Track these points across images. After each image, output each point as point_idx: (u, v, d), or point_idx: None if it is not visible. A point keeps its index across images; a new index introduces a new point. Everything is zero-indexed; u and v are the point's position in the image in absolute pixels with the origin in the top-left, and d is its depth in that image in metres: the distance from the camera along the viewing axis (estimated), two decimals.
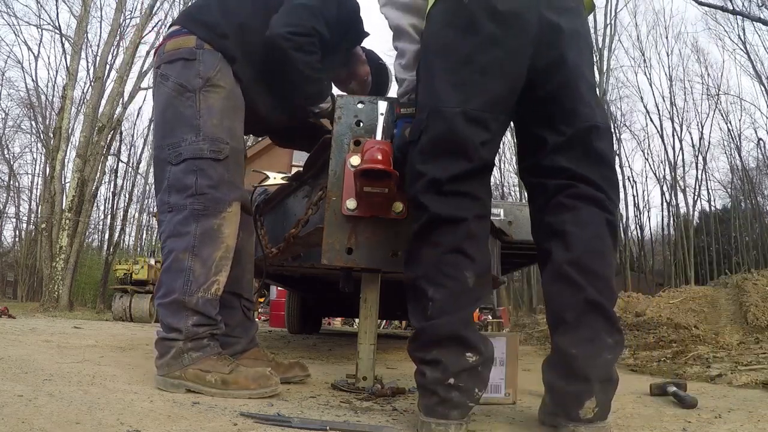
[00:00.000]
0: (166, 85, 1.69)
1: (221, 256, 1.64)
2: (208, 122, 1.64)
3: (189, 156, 1.62)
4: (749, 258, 20.59)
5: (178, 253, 1.59)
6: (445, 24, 1.30)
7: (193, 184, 1.61)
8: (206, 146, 1.62)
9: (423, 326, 1.21)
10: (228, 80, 1.70)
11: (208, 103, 1.65)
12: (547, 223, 1.29)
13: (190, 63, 1.67)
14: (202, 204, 1.61)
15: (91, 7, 14.40)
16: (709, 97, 22.56)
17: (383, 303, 1.87)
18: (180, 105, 1.66)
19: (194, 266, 1.58)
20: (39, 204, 20.94)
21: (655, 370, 2.73)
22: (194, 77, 1.66)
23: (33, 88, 21.37)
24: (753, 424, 1.39)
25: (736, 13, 14.71)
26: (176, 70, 1.68)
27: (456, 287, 1.20)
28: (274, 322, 8.70)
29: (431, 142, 1.26)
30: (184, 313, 1.57)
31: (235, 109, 1.73)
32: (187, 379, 1.52)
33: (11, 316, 6.36)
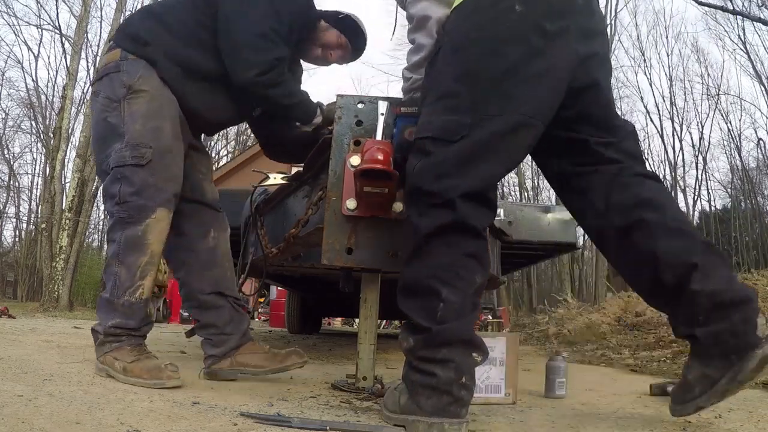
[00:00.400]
0: (97, 101, 1.77)
1: (146, 261, 1.69)
2: (131, 128, 1.69)
3: (114, 164, 1.68)
4: (749, 258, 20.58)
5: (110, 258, 1.71)
6: (491, 31, 1.29)
7: (117, 192, 1.67)
8: (128, 153, 1.67)
9: (436, 328, 1.19)
10: (151, 83, 1.73)
11: (131, 109, 1.70)
12: (622, 200, 1.36)
13: (115, 75, 1.73)
14: (126, 212, 1.67)
15: (91, 7, 14.40)
16: (709, 97, 22.54)
17: (383, 303, 1.86)
18: (109, 116, 1.72)
19: (120, 272, 1.67)
20: (39, 204, 20.95)
21: (655, 370, 2.73)
22: (119, 87, 1.72)
23: (33, 88, 21.35)
24: (753, 424, 1.39)
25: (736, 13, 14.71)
26: (104, 85, 1.75)
27: (468, 290, 1.22)
28: (274, 322, 8.71)
29: (473, 148, 1.25)
30: (111, 312, 1.68)
31: (161, 109, 1.74)
32: (104, 364, 1.67)
33: (11, 316, 6.36)
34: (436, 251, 1.23)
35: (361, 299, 1.80)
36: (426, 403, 1.17)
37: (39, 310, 10.69)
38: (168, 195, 1.71)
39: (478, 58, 1.29)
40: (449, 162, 1.26)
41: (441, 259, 1.22)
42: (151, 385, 1.56)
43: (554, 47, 1.28)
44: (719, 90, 22.19)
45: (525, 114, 1.27)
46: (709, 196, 24.70)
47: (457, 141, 1.25)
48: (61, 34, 17.05)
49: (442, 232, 1.23)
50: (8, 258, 25.79)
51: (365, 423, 1.26)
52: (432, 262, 1.23)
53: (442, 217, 1.23)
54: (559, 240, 2.90)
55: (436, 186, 1.24)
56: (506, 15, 1.28)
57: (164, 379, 1.59)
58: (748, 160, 22.89)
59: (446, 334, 1.19)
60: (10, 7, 17.43)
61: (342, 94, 1.80)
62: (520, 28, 1.28)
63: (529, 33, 1.27)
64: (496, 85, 1.27)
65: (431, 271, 1.22)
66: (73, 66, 13.67)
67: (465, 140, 1.25)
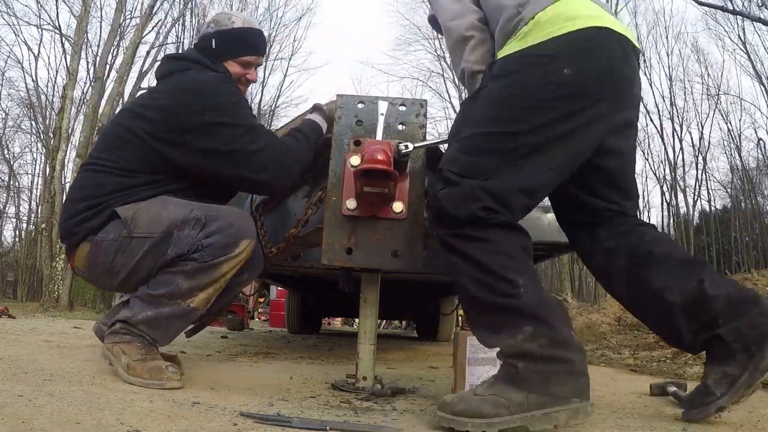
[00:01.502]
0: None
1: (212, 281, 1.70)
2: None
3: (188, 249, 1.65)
4: (749, 258, 20.58)
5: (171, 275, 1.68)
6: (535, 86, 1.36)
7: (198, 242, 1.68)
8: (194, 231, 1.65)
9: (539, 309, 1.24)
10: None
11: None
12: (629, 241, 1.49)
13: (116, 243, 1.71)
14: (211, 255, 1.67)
15: (91, 7, 14.38)
16: (709, 97, 22.51)
17: (383, 303, 1.87)
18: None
19: (182, 284, 1.66)
20: (39, 204, 20.93)
21: (655, 370, 2.73)
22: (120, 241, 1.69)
23: (33, 88, 21.32)
24: (753, 424, 1.39)
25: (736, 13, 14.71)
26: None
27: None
28: (274, 322, 8.71)
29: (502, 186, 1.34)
30: (150, 306, 1.65)
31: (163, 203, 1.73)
32: (112, 354, 1.65)
33: (11, 316, 6.35)
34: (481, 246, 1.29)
35: (361, 299, 1.80)
36: (562, 390, 1.16)
37: (39, 310, 10.69)
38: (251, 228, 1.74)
39: (518, 110, 1.36)
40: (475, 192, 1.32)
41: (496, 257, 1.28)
42: (150, 385, 1.56)
43: (591, 113, 1.37)
44: (719, 90, 22.18)
45: (551, 168, 1.37)
46: (709, 196, 24.62)
47: (481, 180, 1.33)
48: (61, 34, 17.07)
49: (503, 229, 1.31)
50: (8, 258, 25.80)
51: (365, 423, 1.26)
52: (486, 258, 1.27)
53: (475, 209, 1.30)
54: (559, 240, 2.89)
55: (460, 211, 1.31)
56: (555, 75, 1.35)
57: (164, 380, 1.58)
58: (748, 160, 22.89)
59: (552, 315, 1.24)
60: (10, 7, 17.40)
61: (342, 94, 1.80)
62: (567, 89, 1.35)
63: (572, 96, 1.35)
64: (530, 138, 1.34)
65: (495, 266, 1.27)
66: (73, 66, 13.67)
67: (489, 180, 1.33)
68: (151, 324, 1.66)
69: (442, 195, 1.35)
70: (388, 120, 1.69)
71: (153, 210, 1.69)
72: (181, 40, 17.82)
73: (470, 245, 1.29)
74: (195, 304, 1.67)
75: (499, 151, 1.34)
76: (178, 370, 1.64)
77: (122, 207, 1.69)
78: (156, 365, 1.62)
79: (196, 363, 2.31)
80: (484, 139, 1.37)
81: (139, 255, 1.66)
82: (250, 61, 1.97)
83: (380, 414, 1.38)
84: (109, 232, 1.70)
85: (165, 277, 1.66)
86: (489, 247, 1.28)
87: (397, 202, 1.59)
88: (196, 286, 1.65)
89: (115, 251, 1.68)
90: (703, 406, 1.32)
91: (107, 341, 1.69)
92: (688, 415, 1.36)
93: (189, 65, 1.86)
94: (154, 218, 1.67)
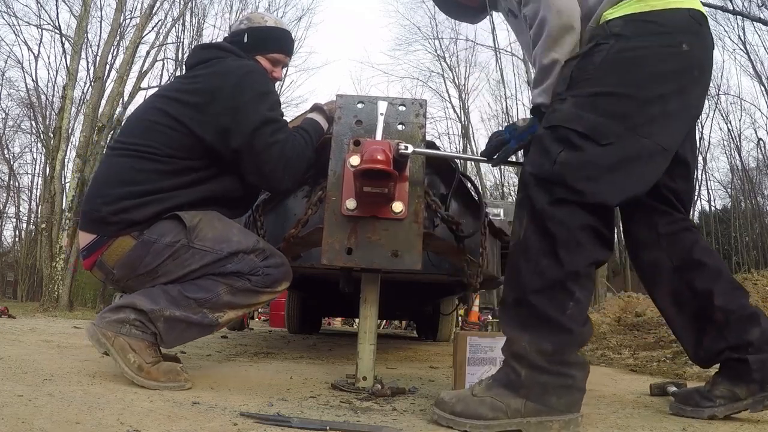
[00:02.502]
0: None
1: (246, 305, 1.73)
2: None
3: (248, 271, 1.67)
4: (749, 258, 20.58)
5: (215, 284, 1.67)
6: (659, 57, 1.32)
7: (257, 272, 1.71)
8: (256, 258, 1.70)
9: (579, 330, 1.24)
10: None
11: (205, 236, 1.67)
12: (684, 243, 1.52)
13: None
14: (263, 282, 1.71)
15: (91, 7, 14.37)
16: (709, 97, 22.52)
17: (383, 303, 1.86)
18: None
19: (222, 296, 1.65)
20: (39, 204, 20.94)
21: (655, 370, 2.73)
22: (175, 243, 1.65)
23: (33, 88, 21.32)
24: (753, 424, 1.39)
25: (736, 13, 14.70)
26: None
27: (590, 294, 1.31)
28: (274, 322, 8.71)
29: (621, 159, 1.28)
30: (177, 305, 1.60)
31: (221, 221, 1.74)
32: (113, 345, 1.57)
33: (11, 316, 6.35)
34: (575, 249, 1.24)
35: (361, 299, 1.80)
36: (558, 402, 1.19)
37: (39, 310, 10.68)
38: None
39: (642, 76, 1.31)
40: (600, 166, 1.26)
41: (577, 258, 1.25)
42: (169, 387, 1.53)
43: (696, 94, 1.39)
44: (719, 90, 22.19)
45: (662, 145, 1.32)
46: (709, 196, 24.64)
47: (604, 145, 1.26)
48: (61, 34, 17.06)
49: (582, 231, 1.25)
50: (8, 258, 25.80)
51: (365, 423, 1.26)
52: (570, 260, 1.24)
53: (582, 217, 1.25)
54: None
55: (584, 185, 1.25)
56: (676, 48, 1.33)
57: (182, 381, 1.57)
58: (748, 160, 22.89)
59: (585, 335, 1.26)
60: (10, 7, 17.39)
61: (342, 94, 1.80)
62: (682, 65, 1.33)
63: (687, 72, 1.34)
64: (648, 108, 1.30)
65: (570, 270, 1.23)
66: (73, 66, 13.66)
67: (612, 148, 1.27)
68: (173, 325, 1.61)
69: (563, 159, 1.26)
70: (387, 120, 1.69)
71: (219, 227, 1.69)
72: (181, 40, 17.84)
73: (561, 229, 1.23)
74: (222, 320, 1.67)
75: (622, 116, 1.28)
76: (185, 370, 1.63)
77: (185, 213, 1.66)
78: (170, 367, 1.59)
79: (196, 363, 2.31)
80: (610, 99, 1.29)
81: (193, 266, 1.64)
82: (279, 59, 2.01)
83: (380, 414, 1.38)
84: (164, 235, 1.64)
85: (207, 283, 1.64)
86: (575, 242, 1.24)
87: (397, 202, 1.59)
88: (232, 303, 1.66)
89: (169, 256, 1.63)
90: (698, 408, 1.41)
91: (108, 328, 1.58)
92: (681, 411, 1.44)
93: (224, 54, 1.87)
94: (221, 237, 1.66)
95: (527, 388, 1.20)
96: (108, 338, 1.57)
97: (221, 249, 1.65)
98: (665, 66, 1.32)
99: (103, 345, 1.58)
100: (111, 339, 1.57)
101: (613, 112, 1.29)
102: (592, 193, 1.25)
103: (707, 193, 24.15)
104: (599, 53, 1.33)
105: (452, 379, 1.76)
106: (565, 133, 1.28)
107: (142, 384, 1.54)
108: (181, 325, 1.62)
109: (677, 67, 1.33)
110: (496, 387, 1.24)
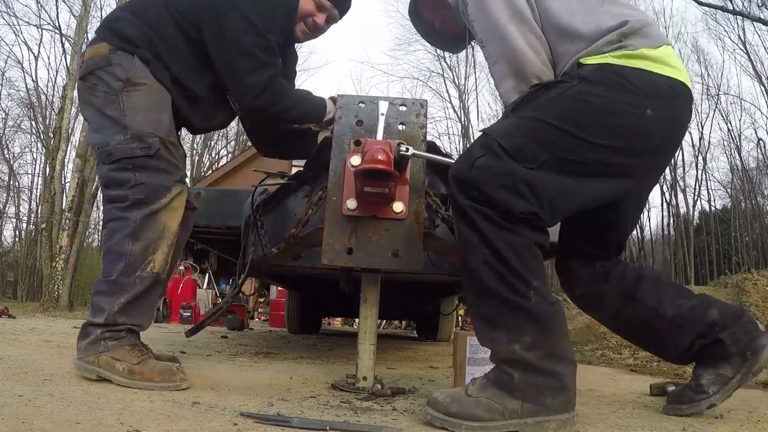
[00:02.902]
0: (94, 95, 1.75)
1: (158, 236, 1.70)
2: (134, 120, 1.70)
3: (122, 155, 1.69)
4: (749, 258, 20.57)
5: (121, 239, 1.67)
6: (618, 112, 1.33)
7: (129, 178, 1.68)
8: (135, 144, 1.68)
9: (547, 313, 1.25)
10: (148, 78, 1.74)
11: (131, 101, 1.71)
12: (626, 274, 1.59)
13: (107, 68, 1.73)
14: (143, 193, 1.68)
15: (91, 7, 14.37)
16: (709, 97, 22.53)
17: (383, 303, 1.86)
18: (107, 109, 1.72)
19: (134, 249, 1.65)
20: (39, 204, 20.93)
21: (655, 370, 2.73)
22: (114, 80, 1.72)
23: (33, 88, 21.38)
24: (753, 424, 1.39)
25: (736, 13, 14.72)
26: (98, 78, 1.74)
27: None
28: (274, 322, 8.70)
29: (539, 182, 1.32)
30: (118, 293, 1.63)
31: (159, 102, 1.76)
32: (99, 366, 1.58)
33: (11, 316, 6.35)
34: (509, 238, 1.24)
35: (361, 299, 1.80)
36: (553, 403, 1.20)
37: (39, 310, 10.68)
38: (179, 176, 1.75)
39: (590, 121, 1.31)
40: (516, 180, 1.26)
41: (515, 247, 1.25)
42: (164, 388, 1.52)
43: (645, 161, 1.42)
44: (719, 90, 22.21)
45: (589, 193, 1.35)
46: (709, 196, 24.68)
47: (528, 169, 1.27)
48: (61, 34, 17.07)
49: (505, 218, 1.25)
50: (8, 258, 25.79)
51: (365, 423, 1.26)
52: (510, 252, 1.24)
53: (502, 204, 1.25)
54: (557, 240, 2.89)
55: (496, 194, 1.25)
56: (639, 109, 1.32)
57: (177, 381, 1.56)
58: (748, 160, 22.90)
59: (559, 313, 1.26)
60: (10, 7, 17.43)
61: (342, 94, 1.80)
62: (639, 127, 1.33)
63: (644, 137, 1.35)
64: (584, 150, 1.31)
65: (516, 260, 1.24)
66: (73, 66, 13.64)
67: (533, 173, 1.27)
68: (130, 310, 1.63)
69: (481, 164, 1.27)
70: (388, 120, 1.69)
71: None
72: None
73: (493, 229, 1.24)
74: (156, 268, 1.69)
75: (557, 148, 1.29)
76: (182, 368, 1.62)
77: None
78: (165, 367, 1.59)
79: (196, 363, 2.31)
80: (549, 129, 1.30)
81: None
82: (326, 5, 1.98)
83: (380, 414, 1.38)
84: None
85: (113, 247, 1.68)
86: (512, 239, 1.23)
87: (398, 202, 1.59)
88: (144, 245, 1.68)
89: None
90: (694, 402, 1.43)
91: (87, 353, 1.60)
92: (678, 410, 1.45)
93: None
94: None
95: (522, 390, 1.20)
96: (92, 362, 1.59)
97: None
98: (618, 120, 1.32)
99: (92, 371, 1.59)
100: (94, 361, 1.59)
101: (549, 142, 1.29)
102: (504, 202, 1.24)
103: (707, 193, 24.21)
104: (557, 89, 1.35)
105: (452, 379, 1.76)
106: (492, 144, 1.29)
107: (137, 386, 1.53)
108: (136, 303, 1.64)
109: (632, 127, 1.32)
110: (491, 387, 1.24)
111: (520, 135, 1.30)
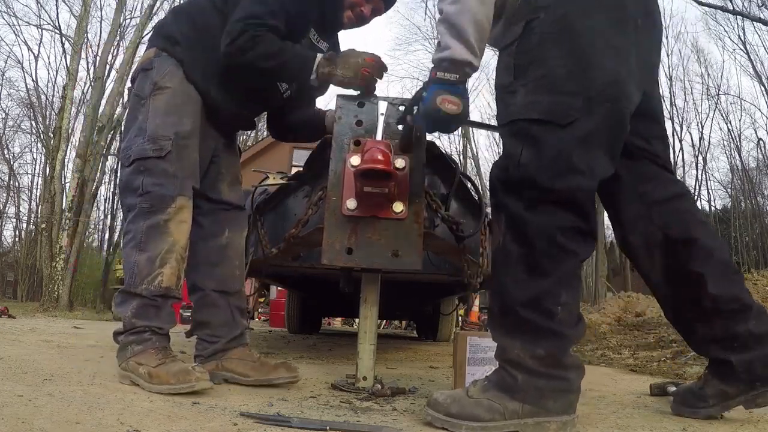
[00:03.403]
0: (130, 98, 1.84)
1: (167, 249, 1.68)
2: (152, 123, 1.71)
3: (136, 156, 1.71)
4: (749, 258, 20.58)
5: (128, 250, 1.69)
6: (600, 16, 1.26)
7: (140, 184, 1.69)
8: (149, 146, 1.69)
9: (570, 333, 1.22)
10: (175, 80, 1.75)
11: (155, 105, 1.73)
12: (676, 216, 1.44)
13: (146, 73, 1.78)
14: (148, 203, 1.68)
15: (91, 7, 14.37)
16: (709, 97, 22.54)
17: (383, 303, 1.86)
18: (138, 113, 1.75)
19: (139, 260, 1.66)
20: (39, 204, 20.93)
21: (655, 370, 2.73)
22: (147, 85, 1.75)
23: (33, 88, 21.38)
24: (753, 424, 1.39)
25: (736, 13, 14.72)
26: (137, 83, 1.80)
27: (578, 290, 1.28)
28: (274, 322, 8.70)
29: (587, 137, 1.21)
30: (129, 302, 1.65)
31: (182, 104, 1.76)
32: (128, 370, 1.60)
33: (11, 316, 6.35)
34: (557, 256, 1.20)
35: (361, 299, 1.80)
36: (554, 405, 1.19)
37: (39, 310, 10.67)
38: (187, 184, 1.74)
39: (588, 41, 1.24)
40: (566, 153, 1.19)
41: (561, 265, 1.21)
42: (180, 390, 1.49)
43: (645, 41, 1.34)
44: (719, 90, 22.22)
45: (626, 106, 1.27)
46: (709, 196, 24.74)
47: (565, 126, 1.20)
48: (61, 34, 17.09)
49: (562, 234, 1.20)
50: (8, 258, 25.79)
51: (365, 423, 1.26)
52: (553, 267, 1.20)
53: (560, 218, 1.20)
54: None
55: (556, 183, 1.19)
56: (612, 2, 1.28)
57: (192, 381, 1.51)
58: (748, 160, 22.91)
59: (578, 334, 1.25)
60: (10, 7, 17.44)
61: (342, 94, 1.80)
62: (624, 16, 1.27)
63: (630, 23, 1.29)
64: (603, 69, 1.23)
65: (555, 278, 1.20)
66: (73, 66, 13.66)
67: (576, 125, 1.20)
68: (143, 311, 1.63)
69: (526, 158, 1.20)
70: (388, 120, 1.69)
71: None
72: None
73: (541, 237, 1.18)
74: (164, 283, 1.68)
75: (578, 88, 1.21)
76: (204, 369, 1.58)
77: None
78: (181, 368, 1.54)
79: None
80: (560, 75, 1.22)
81: None
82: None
83: (380, 414, 1.38)
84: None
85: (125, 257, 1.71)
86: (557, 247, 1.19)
87: (397, 202, 1.59)
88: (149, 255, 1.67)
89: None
90: (694, 408, 1.42)
91: (119, 362, 1.63)
92: (679, 410, 1.46)
93: None
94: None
95: (524, 392, 1.20)
96: (124, 368, 1.62)
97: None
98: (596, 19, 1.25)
99: (125, 376, 1.61)
100: (126, 367, 1.61)
101: (567, 87, 1.22)
102: (567, 189, 1.19)
103: (707, 193, 24.23)
104: (533, 32, 1.26)
105: (452, 379, 1.76)
106: (523, 127, 1.23)
107: (153, 390, 1.50)
108: (149, 307, 1.64)
109: (611, 15, 1.26)
110: (492, 389, 1.23)
111: (544, 96, 1.22)
